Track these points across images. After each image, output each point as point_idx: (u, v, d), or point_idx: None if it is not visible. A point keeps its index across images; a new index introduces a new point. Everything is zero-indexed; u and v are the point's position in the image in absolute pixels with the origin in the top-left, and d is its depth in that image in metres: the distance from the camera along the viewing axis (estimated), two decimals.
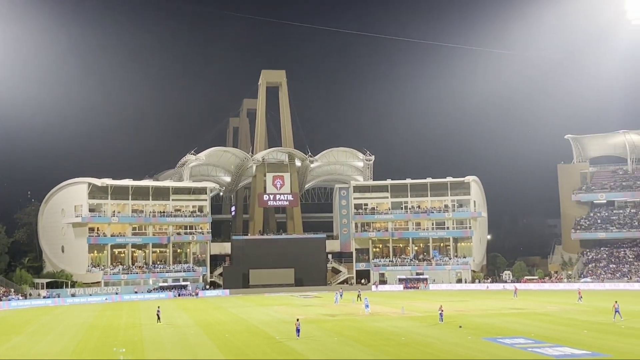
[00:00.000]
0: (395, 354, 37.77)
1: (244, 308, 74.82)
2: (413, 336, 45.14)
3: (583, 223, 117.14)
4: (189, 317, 65.50)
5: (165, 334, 50.59)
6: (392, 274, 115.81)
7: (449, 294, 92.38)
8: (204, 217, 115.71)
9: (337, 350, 39.64)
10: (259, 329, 52.13)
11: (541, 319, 55.03)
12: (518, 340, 41.46)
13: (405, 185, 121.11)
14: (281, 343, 43.29)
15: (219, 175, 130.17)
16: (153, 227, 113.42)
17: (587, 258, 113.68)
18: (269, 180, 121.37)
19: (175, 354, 40.06)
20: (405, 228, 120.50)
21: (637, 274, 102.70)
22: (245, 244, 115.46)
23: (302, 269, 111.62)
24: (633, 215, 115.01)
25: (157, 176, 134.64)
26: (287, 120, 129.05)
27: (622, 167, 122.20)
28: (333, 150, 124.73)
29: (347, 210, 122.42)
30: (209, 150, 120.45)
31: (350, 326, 52.32)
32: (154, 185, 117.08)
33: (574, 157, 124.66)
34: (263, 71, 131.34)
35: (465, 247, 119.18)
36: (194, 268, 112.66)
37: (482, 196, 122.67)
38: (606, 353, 35.87)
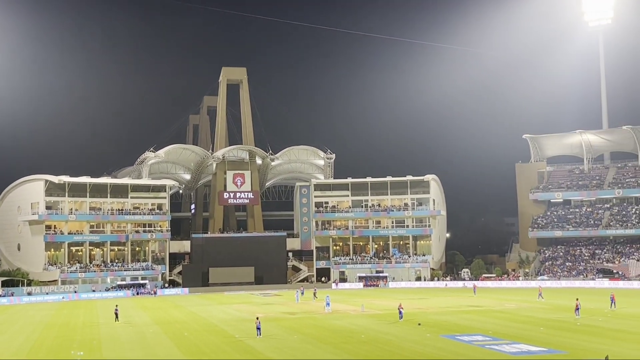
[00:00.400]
0: (355, 351, 37.87)
1: (203, 307, 74.39)
2: (372, 334, 45.31)
3: (540, 222, 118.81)
4: (148, 315, 64.92)
5: (123, 333, 50.05)
6: (352, 272, 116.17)
7: (408, 292, 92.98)
8: (163, 215, 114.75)
9: (297, 348, 39.63)
10: (219, 327, 51.87)
11: (499, 316, 55.66)
12: (476, 338, 41.86)
13: (365, 183, 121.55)
14: (241, 342, 43.13)
15: (178, 173, 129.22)
16: (111, 225, 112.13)
17: (544, 256, 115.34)
18: (229, 178, 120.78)
19: (133, 353, 39.65)
20: (366, 226, 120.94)
21: (592, 272, 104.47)
22: (205, 242, 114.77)
23: (263, 267, 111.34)
24: (589, 214, 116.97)
25: (116, 173, 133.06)
26: (248, 117, 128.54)
27: (578, 167, 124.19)
28: (294, 148, 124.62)
29: (307, 209, 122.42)
30: (169, 147, 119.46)
31: (310, 324, 52.34)
32: (113, 182, 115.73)
33: (532, 157, 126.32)
34: (223, 68, 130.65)
35: (424, 245, 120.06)
36: (152, 266, 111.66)
37: (442, 195, 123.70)
38: (562, 350, 36.39)
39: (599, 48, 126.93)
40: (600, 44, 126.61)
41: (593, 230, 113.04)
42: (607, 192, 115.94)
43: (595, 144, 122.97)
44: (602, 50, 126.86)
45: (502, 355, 35.52)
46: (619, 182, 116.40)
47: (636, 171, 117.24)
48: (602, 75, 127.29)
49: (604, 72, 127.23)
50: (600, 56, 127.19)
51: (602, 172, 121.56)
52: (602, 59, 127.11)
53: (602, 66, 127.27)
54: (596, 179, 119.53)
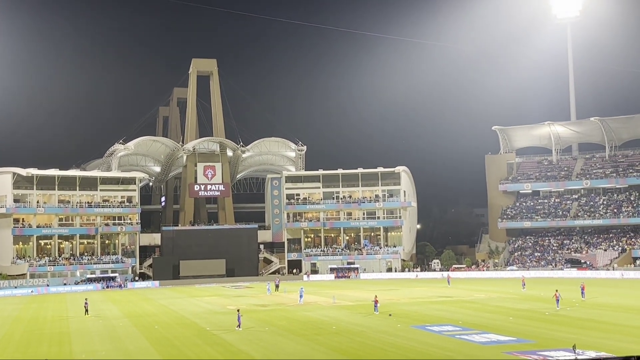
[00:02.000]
0: (326, 343, 37.97)
1: (174, 299, 74.08)
2: (344, 325, 45.46)
3: (509, 212, 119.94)
4: (118, 309, 64.49)
5: (93, 326, 49.68)
6: (323, 263, 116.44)
7: (379, 283, 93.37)
8: (133, 208, 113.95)
9: (268, 340, 39.63)
10: (190, 320, 51.69)
11: (468, 306, 56.13)
12: (446, 328, 42.19)
13: (336, 175, 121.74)
14: (212, 334, 43.01)
15: (148, 165, 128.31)
16: (80, 218, 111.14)
17: (513, 246, 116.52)
18: (200, 170, 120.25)
19: (103, 346, 39.38)
20: (337, 218, 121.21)
21: (561, 262, 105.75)
22: (176, 234, 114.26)
23: (234, 260, 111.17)
24: (557, 204, 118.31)
25: (85, 166, 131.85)
26: (219, 109, 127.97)
27: (547, 158, 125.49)
28: (265, 140, 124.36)
29: (279, 201, 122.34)
30: (138, 139, 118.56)
31: (282, 316, 52.36)
32: (81, 175, 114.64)
33: (501, 148, 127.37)
34: (194, 60, 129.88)
35: (395, 237, 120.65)
36: (122, 259, 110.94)
37: (412, 186, 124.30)
38: (530, 339, 36.80)
39: (567, 41, 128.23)
40: (568, 37, 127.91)
41: (561, 221, 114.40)
42: (575, 183, 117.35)
43: (564, 136, 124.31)
44: (570, 43, 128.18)
45: (471, 345, 35.85)
46: (587, 173, 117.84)
47: (604, 162, 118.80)
48: (570, 67, 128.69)
49: (572, 64, 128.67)
50: (568, 49, 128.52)
51: (570, 163, 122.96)
52: (570, 52, 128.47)
53: (570, 59, 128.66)
54: (564, 170, 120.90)
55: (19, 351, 38.77)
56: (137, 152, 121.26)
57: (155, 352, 36.64)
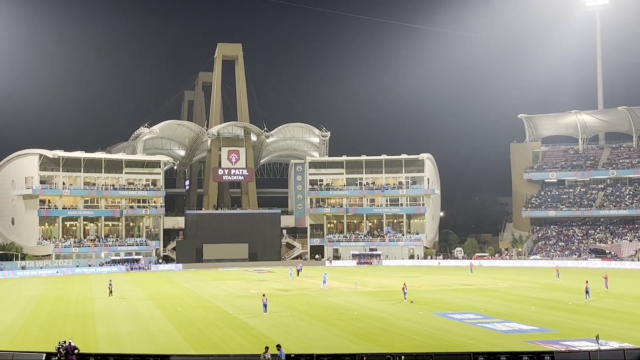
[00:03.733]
0: (347, 328, 38.08)
1: (197, 282, 74.59)
2: (365, 311, 45.55)
3: (534, 201, 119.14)
4: (141, 291, 65.09)
5: (116, 307, 50.22)
6: (345, 249, 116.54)
7: (401, 270, 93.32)
8: (157, 191, 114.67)
9: (290, 324, 39.82)
10: (212, 303, 52.05)
11: (491, 295, 55.96)
12: (468, 316, 42.12)
13: (360, 161, 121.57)
14: (234, 317, 43.29)
15: (173, 149, 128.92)
16: (105, 200, 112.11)
17: (537, 236, 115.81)
18: (224, 154, 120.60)
19: (126, 327, 39.80)
20: (360, 204, 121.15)
21: (585, 252, 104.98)
22: (199, 218, 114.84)
23: (256, 244, 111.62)
24: (582, 194, 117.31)
25: (110, 149, 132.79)
26: (243, 94, 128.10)
27: (573, 147, 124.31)
28: (289, 125, 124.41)
29: (302, 186, 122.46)
30: (163, 123, 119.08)
31: (304, 301, 52.56)
32: (107, 157, 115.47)
33: (527, 137, 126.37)
34: (219, 44, 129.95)
35: (418, 224, 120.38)
36: (146, 242, 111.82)
37: (436, 173, 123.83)
38: (553, 329, 36.66)
39: (596, 29, 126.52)
40: (597, 25, 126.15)
41: (586, 211, 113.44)
42: (601, 173, 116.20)
43: (590, 125, 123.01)
44: (598, 32, 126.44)
45: (493, 333, 35.76)
46: (613, 163, 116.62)
47: (630, 152, 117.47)
48: (598, 56, 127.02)
49: (600, 53, 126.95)
50: (596, 37, 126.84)
51: (596, 153, 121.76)
52: (599, 40, 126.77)
53: (598, 47, 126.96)
54: (590, 160, 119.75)
55: (44, 330, 39.28)
56: (162, 136, 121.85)
57: (178, 334, 36.97)
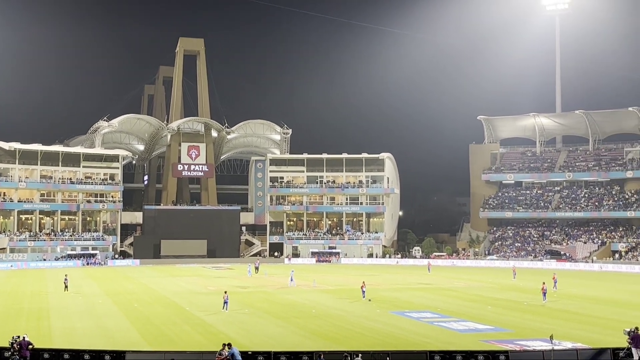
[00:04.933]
0: (305, 325, 38.11)
1: (154, 279, 74.01)
2: (323, 309, 45.64)
3: (491, 202, 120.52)
4: (98, 286, 64.38)
5: (72, 302, 49.57)
6: (305, 247, 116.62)
7: (360, 268, 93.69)
8: (115, 186, 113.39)
9: (248, 321, 39.71)
10: (169, 299, 51.69)
11: (448, 294, 56.48)
12: (425, 314, 42.46)
13: (321, 160, 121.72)
14: (191, 314, 43.04)
15: (132, 143, 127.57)
16: (62, 194, 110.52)
17: (493, 236, 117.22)
18: (183, 150, 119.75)
19: (82, 323, 39.28)
20: (320, 202, 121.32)
21: (541, 253, 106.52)
22: (158, 213, 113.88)
23: (215, 241, 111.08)
24: (539, 196, 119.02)
25: (68, 142, 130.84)
26: (205, 89, 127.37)
27: (530, 149, 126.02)
28: (250, 122, 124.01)
29: (262, 183, 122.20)
30: (123, 117, 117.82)
31: (262, 298, 52.47)
32: (64, 151, 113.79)
33: (485, 138, 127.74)
34: (181, 38, 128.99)
35: (377, 223, 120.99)
36: (103, 237, 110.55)
37: (396, 173, 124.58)
38: (508, 328, 37.13)
39: (556, 33, 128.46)
40: (556, 29, 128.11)
41: (542, 212, 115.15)
42: (558, 175, 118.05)
43: (548, 127, 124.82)
44: (558, 36, 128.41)
45: (449, 332, 36.10)
46: (570, 166, 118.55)
47: (587, 155, 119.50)
48: (558, 59, 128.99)
49: (559, 56, 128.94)
50: (556, 41, 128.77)
51: (553, 155, 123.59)
52: (558, 44, 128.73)
53: (557, 51, 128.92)
54: (547, 162, 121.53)
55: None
56: (121, 130, 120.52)
57: (135, 330, 36.62)
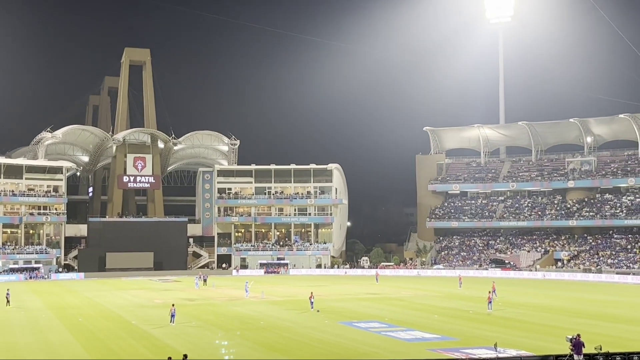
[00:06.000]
0: (253, 338, 37.98)
1: (99, 292, 72.83)
2: (271, 320, 45.56)
3: (438, 212, 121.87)
4: (41, 300, 63.10)
5: (14, 317, 48.50)
6: (253, 258, 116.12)
7: (308, 279, 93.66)
8: (59, 198, 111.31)
9: (195, 334, 39.40)
10: (115, 313, 50.95)
11: (395, 304, 56.91)
12: (373, 324, 42.72)
13: (269, 170, 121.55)
14: (137, 328, 42.51)
15: (76, 155, 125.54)
16: (4, 207, 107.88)
17: (440, 246, 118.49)
18: (129, 161, 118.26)
19: (24, 338, 38.49)
20: (268, 213, 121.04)
21: (486, 262, 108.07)
22: (103, 226, 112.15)
23: (162, 253, 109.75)
24: (484, 205, 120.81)
25: (10, 153, 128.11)
26: (151, 100, 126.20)
27: (475, 160, 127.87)
28: (197, 133, 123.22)
29: (210, 194, 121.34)
30: (67, 128, 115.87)
31: (210, 311, 52.12)
32: (6, 162, 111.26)
33: (431, 149, 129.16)
34: (126, 49, 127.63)
35: (325, 233, 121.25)
36: (47, 250, 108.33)
37: (344, 184, 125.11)
38: (454, 337, 37.61)
39: (499, 45, 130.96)
40: (500, 41, 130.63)
41: (487, 222, 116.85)
42: (502, 185, 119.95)
43: (492, 138, 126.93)
44: (501, 48, 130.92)
45: (397, 341, 36.38)
46: (513, 176, 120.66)
47: (529, 165, 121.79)
48: (501, 72, 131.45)
49: (503, 68, 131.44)
50: (499, 53, 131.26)
51: (497, 166, 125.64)
52: (501, 56, 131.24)
53: (500, 63, 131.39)
54: (492, 172, 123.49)
55: None
56: (65, 141, 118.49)
57: (79, 345, 36.03)
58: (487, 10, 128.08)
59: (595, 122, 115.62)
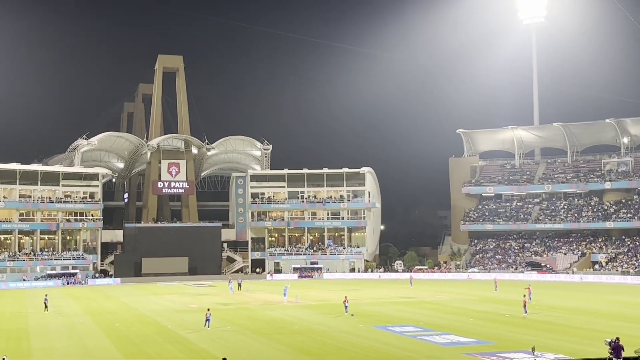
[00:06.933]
0: (288, 342, 38.01)
1: (135, 297, 73.47)
2: (306, 324, 45.54)
3: (472, 215, 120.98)
4: (78, 305, 63.81)
5: (52, 322, 49.10)
6: (287, 263, 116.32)
7: (342, 283, 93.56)
8: (95, 204, 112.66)
9: (230, 339, 39.54)
10: (151, 318, 51.34)
11: (430, 307, 56.57)
12: (407, 328, 42.48)
13: (302, 175, 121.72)
14: (173, 332, 42.77)
15: (111, 161, 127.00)
16: (41, 213, 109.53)
17: (474, 249, 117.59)
18: (164, 167, 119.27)
19: (62, 343, 38.94)
20: (301, 218, 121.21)
21: (521, 265, 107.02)
22: (138, 231, 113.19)
23: (197, 258, 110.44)
24: (519, 208, 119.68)
25: (47, 161, 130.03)
26: (184, 106, 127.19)
27: (509, 162, 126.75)
28: (230, 138, 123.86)
29: (243, 199, 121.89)
30: (102, 135, 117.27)
31: (244, 315, 52.27)
32: (43, 169, 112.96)
33: (465, 151, 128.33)
34: (160, 56, 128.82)
35: (359, 237, 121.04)
36: (84, 256, 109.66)
37: (377, 187, 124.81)
38: (490, 340, 37.24)
39: (532, 46, 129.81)
40: (533, 41, 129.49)
41: (523, 224, 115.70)
42: (537, 187, 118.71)
43: (527, 140, 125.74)
44: (534, 48, 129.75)
45: (432, 345, 36.14)
46: (549, 178, 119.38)
47: (565, 167, 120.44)
48: (534, 72, 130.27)
49: (536, 69, 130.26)
50: (532, 54, 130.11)
51: (532, 168, 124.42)
52: (535, 57, 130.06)
53: (534, 64, 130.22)
54: (527, 174, 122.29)
55: None
56: (100, 148, 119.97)
57: (116, 350, 36.35)
58: (519, 11, 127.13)
59: (631, 123, 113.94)
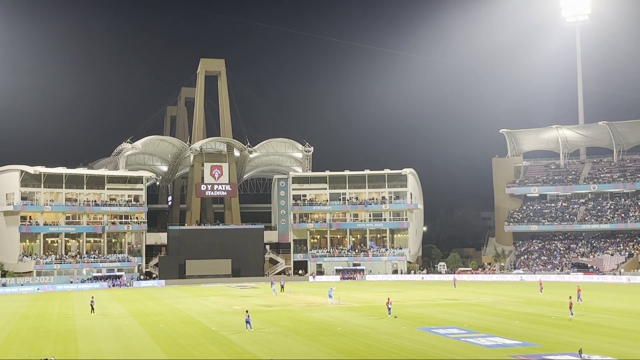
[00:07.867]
0: (331, 344, 37.95)
1: (179, 299, 74.16)
2: (349, 326, 45.42)
3: (516, 216, 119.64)
4: (124, 307, 64.61)
5: (98, 324, 49.80)
6: (329, 264, 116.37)
7: (385, 285, 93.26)
8: (139, 207, 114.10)
9: (274, 340, 39.63)
10: (195, 319, 51.73)
11: (474, 309, 56.01)
12: (452, 331, 42.11)
13: (343, 176, 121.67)
14: (218, 334, 43.03)
15: (155, 165, 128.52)
16: (87, 216, 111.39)
17: (519, 250, 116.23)
18: (206, 170, 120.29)
19: (108, 345, 39.45)
20: (343, 219, 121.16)
21: (567, 266, 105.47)
22: (182, 234, 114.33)
23: (240, 260, 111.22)
24: (564, 208, 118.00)
25: (92, 164, 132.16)
26: (226, 109, 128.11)
27: (554, 162, 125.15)
28: (272, 140, 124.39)
29: (285, 201, 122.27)
30: (146, 138, 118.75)
31: (287, 317, 52.35)
32: (89, 173, 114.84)
33: (508, 151, 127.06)
34: (202, 59, 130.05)
35: (401, 239, 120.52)
36: (129, 258, 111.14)
37: (419, 188, 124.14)
38: (536, 343, 36.72)
39: (576, 44, 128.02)
40: (577, 40, 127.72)
41: (568, 225, 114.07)
42: (583, 187, 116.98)
43: (571, 139, 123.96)
44: (579, 47, 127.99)
45: (477, 348, 35.76)
46: (595, 178, 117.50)
47: (611, 166, 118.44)
48: (579, 71, 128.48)
49: (581, 68, 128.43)
50: (577, 52, 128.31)
51: (577, 167, 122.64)
52: (579, 55, 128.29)
53: (578, 62, 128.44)
54: (572, 174, 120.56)
55: (24, 348, 38.84)
56: (144, 151, 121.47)
57: (161, 351, 36.69)
58: (562, 10, 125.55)
59: None
